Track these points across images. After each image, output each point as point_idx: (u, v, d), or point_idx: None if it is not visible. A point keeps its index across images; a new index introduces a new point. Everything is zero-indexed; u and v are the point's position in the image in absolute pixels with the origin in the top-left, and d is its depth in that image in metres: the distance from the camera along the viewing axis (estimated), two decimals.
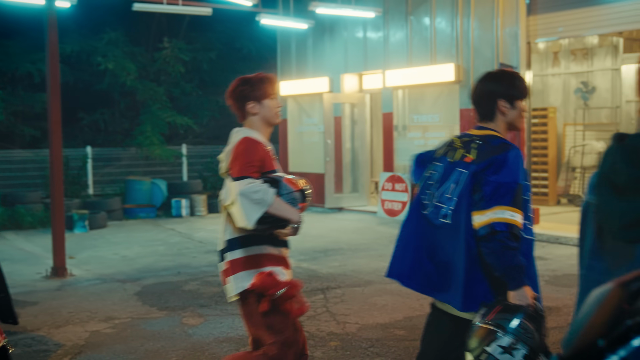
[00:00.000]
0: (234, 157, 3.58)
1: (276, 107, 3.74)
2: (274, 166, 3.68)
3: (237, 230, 3.59)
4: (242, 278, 3.62)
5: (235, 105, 3.77)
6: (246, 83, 3.73)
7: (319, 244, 11.30)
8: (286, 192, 3.57)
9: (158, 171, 17.83)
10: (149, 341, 6.08)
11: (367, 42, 15.12)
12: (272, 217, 3.46)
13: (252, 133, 3.67)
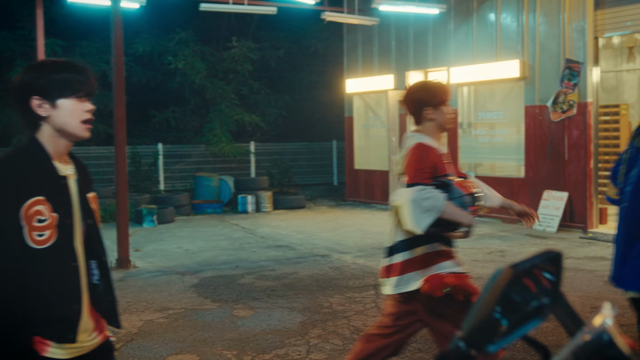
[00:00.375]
0: (407, 163, 3.66)
1: (450, 113, 3.81)
2: (446, 170, 3.73)
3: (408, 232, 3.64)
4: (409, 279, 3.69)
5: (411, 110, 3.84)
6: (424, 89, 3.80)
7: (378, 241, 11.32)
8: (457, 195, 3.61)
9: (227, 168, 18.21)
10: (199, 331, 6.26)
11: (432, 38, 15.02)
12: (443, 220, 3.52)
13: (424, 138, 3.73)
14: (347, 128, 17.65)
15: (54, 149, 2.42)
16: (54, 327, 2.36)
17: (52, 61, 2.46)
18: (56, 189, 2.39)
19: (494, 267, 8.86)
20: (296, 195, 16.64)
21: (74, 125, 2.40)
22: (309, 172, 19.60)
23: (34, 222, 2.31)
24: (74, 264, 2.41)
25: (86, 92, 2.42)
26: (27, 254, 2.30)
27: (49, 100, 2.37)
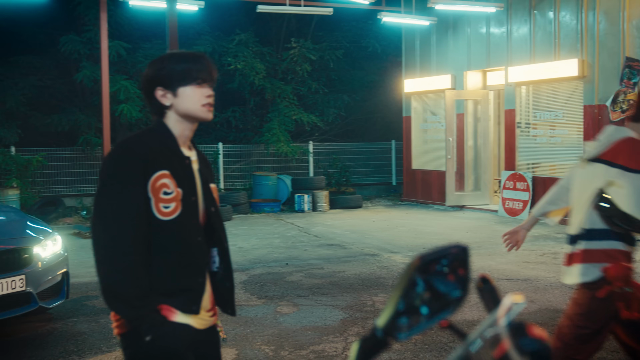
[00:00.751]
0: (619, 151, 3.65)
1: None
2: None
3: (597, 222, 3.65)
4: (590, 268, 3.69)
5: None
6: None
7: (430, 241, 11.29)
8: None
9: (285, 167, 18.42)
10: (240, 326, 6.42)
11: (490, 38, 14.86)
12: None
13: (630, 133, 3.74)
14: (405, 128, 17.63)
15: (178, 133, 2.58)
16: (179, 298, 2.49)
17: (172, 53, 2.61)
18: (180, 167, 2.54)
19: (545, 269, 8.76)
20: (353, 195, 16.71)
21: (195, 109, 2.55)
22: (368, 171, 19.64)
23: (160, 194, 2.45)
24: (199, 239, 2.55)
25: (204, 78, 2.56)
26: (154, 225, 2.45)
27: (170, 89, 2.55)
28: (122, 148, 2.48)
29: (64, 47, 16.41)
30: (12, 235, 6.18)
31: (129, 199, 2.41)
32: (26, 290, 5.98)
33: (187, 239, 2.51)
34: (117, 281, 2.37)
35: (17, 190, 14.06)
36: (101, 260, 2.40)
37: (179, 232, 2.48)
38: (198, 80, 2.55)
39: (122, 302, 2.39)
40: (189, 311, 2.51)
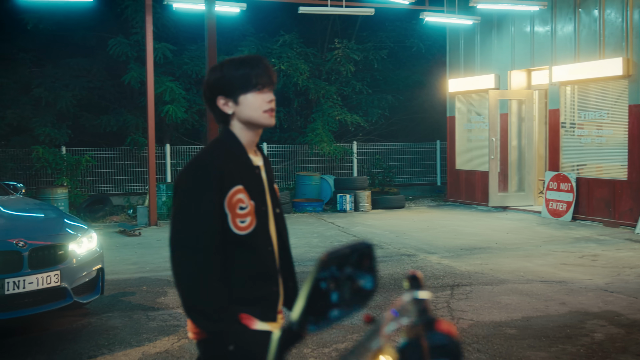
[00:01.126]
0: None
1: None
2: None
3: None
4: None
5: None
6: None
7: (468, 242, 11.23)
8: None
9: (329, 167, 18.51)
10: None
11: (534, 36, 14.67)
12: None
13: None
14: (449, 128, 17.52)
15: (245, 141, 2.57)
16: (257, 307, 2.52)
17: (230, 60, 2.58)
18: (252, 178, 2.56)
19: (582, 271, 8.63)
20: (395, 195, 16.69)
21: (257, 117, 2.53)
22: (412, 172, 19.59)
23: (237, 209, 2.48)
24: (270, 248, 2.57)
25: (263, 83, 2.54)
26: (230, 239, 2.48)
27: (231, 97, 2.53)
28: (198, 165, 2.49)
29: (112, 49, 16.83)
30: (48, 232, 6.40)
31: (206, 216, 2.44)
32: (61, 286, 6.20)
33: (261, 249, 2.54)
34: (198, 295, 2.42)
35: (66, 189, 14.48)
36: (180, 275, 2.45)
37: (254, 244, 2.51)
38: (258, 86, 2.53)
39: (203, 316, 2.43)
40: (267, 319, 2.53)
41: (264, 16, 18.07)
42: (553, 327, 6.27)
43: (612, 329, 6.19)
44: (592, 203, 13.14)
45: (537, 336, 6.02)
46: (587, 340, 5.88)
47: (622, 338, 5.93)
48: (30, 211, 7.00)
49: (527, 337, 6.01)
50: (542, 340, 5.91)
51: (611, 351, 5.61)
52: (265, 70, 2.54)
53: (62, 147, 16.55)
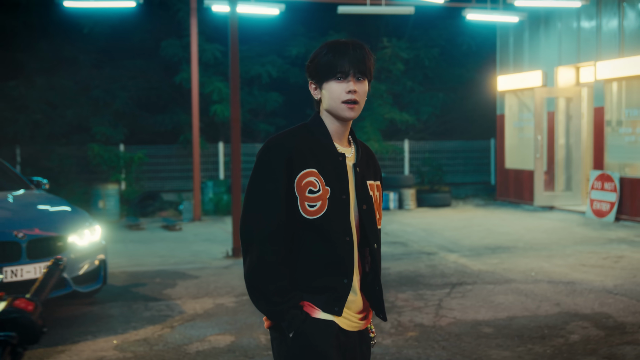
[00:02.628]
0: None
1: None
2: None
3: None
4: None
5: None
6: None
7: (496, 241, 11.12)
8: None
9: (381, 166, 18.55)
10: (255, 316, 6.72)
11: (580, 32, 14.31)
12: None
13: None
14: (499, 126, 17.29)
15: (332, 129, 2.51)
16: (321, 296, 2.44)
17: (327, 44, 2.50)
18: (332, 164, 2.46)
19: (597, 273, 8.46)
20: (441, 194, 16.60)
21: (335, 107, 2.45)
22: (465, 170, 19.41)
23: (305, 192, 2.41)
24: (347, 238, 2.45)
25: (346, 72, 2.44)
26: (300, 223, 2.42)
27: (318, 84, 2.49)
28: (270, 145, 2.46)
29: (164, 51, 17.45)
30: (50, 225, 6.82)
31: (272, 196, 2.40)
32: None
33: (333, 238, 2.43)
34: (258, 276, 2.40)
35: (117, 185, 15.14)
36: (245, 254, 2.45)
37: (325, 230, 2.42)
38: (338, 74, 2.44)
39: (263, 298, 2.40)
40: (331, 311, 2.44)
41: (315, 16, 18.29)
42: (532, 327, 6.22)
43: (593, 331, 6.10)
44: (635, 203, 12.74)
45: (510, 336, 6.00)
46: (560, 342, 5.82)
47: (598, 340, 5.84)
48: (38, 205, 7.46)
49: (500, 336, 6.00)
50: (514, 340, 5.89)
51: (578, 352, 5.54)
52: (352, 59, 2.43)
53: (120, 144, 17.28)
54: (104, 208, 14.68)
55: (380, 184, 2.65)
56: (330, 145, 2.49)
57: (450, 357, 5.47)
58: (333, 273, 2.44)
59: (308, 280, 2.44)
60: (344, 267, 2.45)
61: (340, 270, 2.45)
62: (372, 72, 2.54)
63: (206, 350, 5.71)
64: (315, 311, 2.44)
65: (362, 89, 2.48)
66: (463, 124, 20.77)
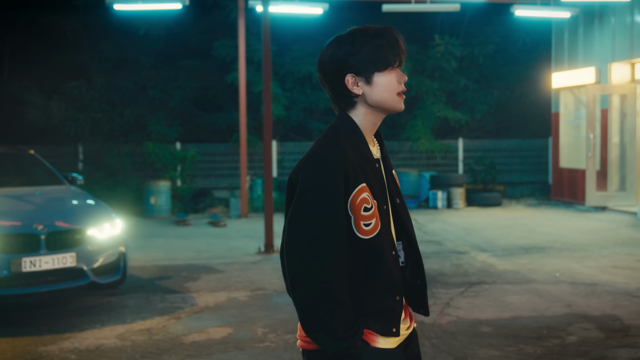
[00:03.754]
0: None
1: None
2: None
3: None
4: None
5: None
6: None
7: (533, 241, 10.92)
8: None
9: (434, 164, 18.44)
10: (262, 310, 6.88)
11: (634, 27, 13.84)
12: None
13: None
14: (554, 124, 16.90)
15: (366, 127, 2.26)
16: (379, 320, 2.25)
17: (361, 31, 2.21)
18: (374, 174, 2.25)
19: (624, 275, 8.23)
20: (492, 193, 16.36)
21: (390, 100, 2.22)
22: (523, 170, 19.03)
23: (361, 211, 2.19)
24: (394, 252, 2.26)
25: (400, 60, 2.21)
26: (355, 246, 2.20)
27: (363, 76, 2.20)
28: (319, 159, 2.16)
29: (217, 51, 17.85)
30: (70, 218, 7.16)
31: (332, 215, 2.15)
32: (78, 266, 6.93)
33: (386, 255, 2.23)
34: (320, 308, 2.12)
35: (169, 182, 15.59)
36: (299, 284, 2.15)
37: (378, 248, 2.21)
38: (394, 63, 2.19)
39: (326, 333, 2.13)
40: (390, 333, 2.24)
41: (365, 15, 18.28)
42: (533, 328, 6.14)
43: (593, 333, 5.97)
44: None
45: (506, 335, 5.94)
46: (555, 342, 5.74)
47: (595, 342, 5.72)
48: (63, 199, 7.83)
49: (495, 335, 5.96)
50: (508, 339, 5.83)
51: (569, 354, 5.45)
52: (402, 46, 2.21)
53: (177, 142, 17.78)
54: (156, 204, 15.16)
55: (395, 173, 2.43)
56: (368, 153, 2.25)
57: (435, 355, 5.48)
58: (387, 293, 2.24)
59: (363, 305, 2.22)
60: (396, 283, 2.26)
61: (393, 289, 2.25)
62: None
63: (200, 341, 5.89)
64: (374, 338, 2.23)
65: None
66: (519, 122, 20.37)
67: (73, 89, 17.59)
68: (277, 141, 18.39)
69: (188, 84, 18.62)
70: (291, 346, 5.73)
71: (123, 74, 18.38)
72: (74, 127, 17.39)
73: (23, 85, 18.04)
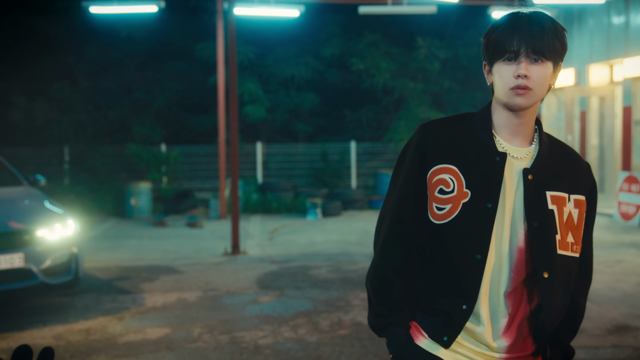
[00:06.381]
0: None
1: None
2: None
3: None
4: None
5: None
6: None
7: None
8: None
9: None
10: (207, 310, 6.93)
11: (610, 29, 13.84)
12: None
13: None
14: None
15: (501, 121, 2.06)
16: (428, 319, 2.08)
17: (506, 15, 2.05)
18: (482, 164, 2.03)
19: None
20: None
21: (503, 94, 2.01)
22: None
23: (435, 192, 2.03)
24: (478, 256, 1.99)
25: (516, 52, 1.97)
26: (428, 229, 2.06)
27: (489, 65, 2.07)
28: (416, 130, 2.11)
29: (199, 53, 17.94)
30: (19, 219, 7.22)
31: (400, 192, 2.08)
32: (26, 267, 6.99)
33: (459, 252, 2.00)
34: (370, 282, 2.13)
35: (149, 183, 15.66)
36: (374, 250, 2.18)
37: (449, 241, 2.01)
38: (507, 54, 1.98)
39: (370, 306, 2.14)
40: (438, 339, 2.04)
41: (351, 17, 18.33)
42: None
43: None
44: None
45: None
46: None
47: None
48: (16, 200, 7.88)
49: None
50: None
51: None
52: (526, 35, 1.96)
53: (162, 144, 17.85)
54: (136, 205, 15.23)
55: (585, 200, 2.09)
56: (488, 141, 2.04)
57: (360, 356, 5.51)
58: (452, 295, 2.03)
59: (425, 299, 2.08)
60: (466, 289, 2.01)
61: (460, 293, 2.01)
62: (561, 52, 2.06)
63: (134, 341, 5.94)
64: (419, 336, 2.08)
65: (539, 72, 1.98)
66: None
67: (57, 91, 17.70)
68: (262, 143, 18.45)
69: (172, 86, 18.72)
70: (222, 347, 5.78)
71: (108, 76, 18.48)
72: (58, 129, 17.50)
73: (8, 87, 18.17)
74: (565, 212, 2.04)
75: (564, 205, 2.04)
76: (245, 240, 11.60)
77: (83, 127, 17.82)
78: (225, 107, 14.99)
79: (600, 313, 6.69)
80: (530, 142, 2.07)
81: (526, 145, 2.06)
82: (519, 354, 2.05)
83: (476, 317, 2.02)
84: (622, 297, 7.38)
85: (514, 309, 2.03)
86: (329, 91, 19.15)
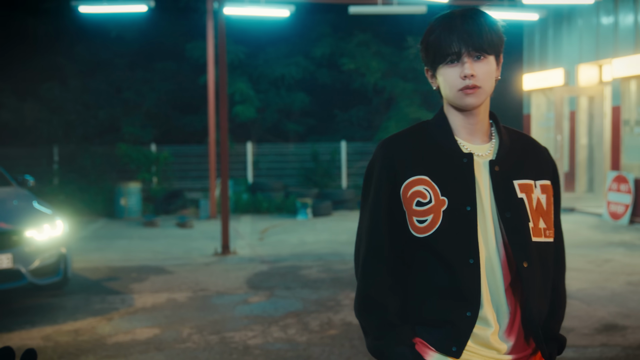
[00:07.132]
0: None
1: None
2: None
3: None
4: None
5: None
6: None
7: None
8: None
9: None
10: (197, 311, 6.92)
11: (599, 29, 13.90)
12: None
13: None
14: (526, 126, 16.96)
15: (457, 123, 2.04)
16: (436, 331, 2.01)
17: (438, 18, 2.01)
18: (452, 169, 2.00)
19: (569, 276, 8.26)
20: None
21: (452, 97, 1.98)
22: None
23: (413, 205, 1.98)
24: (470, 261, 1.95)
25: (457, 53, 1.94)
26: (410, 242, 2.01)
27: (432, 70, 2.03)
28: (376, 150, 2.06)
29: (189, 53, 17.92)
30: (7, 220, 7.19)
31: (373, 210, 2.03)
32: (14, 268, 6.96)
33: (451, 260, 1.96)
34: (359, 306, 2.06)
35: (139, 183, 15.62)
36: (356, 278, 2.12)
37: (440, 251, 1.96)
38: (450, 57, 1.94)
39: (363, 329, 2.08)
40: (447, 351, 1.98)
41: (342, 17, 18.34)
42: None
43: None
44: None
45: None
46: None
47: None
48: (4, 201, 7.84)
49: None
50: None
51: None
52: (463, 34, 1.94)
53: (152, 144, 17.81)
54: (126, 205, 15.19)
55: (551, 184, 2.08)
56: (452, 145, 2.01)
57: (350, 356, 5.51)
58: (453, 304, 1.97)
59: (421, 311, 2.02)
60: (466, 296, 1.96)
61: (462, 301, 1.96)
62: (499, 44, 2.04)
63: (123, 342, 5.93)
64: (427, 352, 2.00)
65: (484, 69, 1.97)
66: None
67: (47, 91, 17.64)
68: (252, 143, 18.43)
69: (162, 86, 18.69)
70: (211, 347, 5.77)
71: (98, 75, 18.44)
72: (47, 129, 17.44)
73: None
74: (534, 199, 2.02)
75: (531, 192, 2.03)
76: (235, 240, 11.59)
77: (73, 127, 17.77)
78: (215, 107, 14.97)
79: (589, 312, 6.72)
80: (489, 138, 2.07)
81: (487, 141, 2.06)
82: (522, 354, 2.03)
83: (484, 321, 1.98)
84: (610, 296, 7.41)
85: (513, 307, 2.01)
86: (320, 91, 19.15)
